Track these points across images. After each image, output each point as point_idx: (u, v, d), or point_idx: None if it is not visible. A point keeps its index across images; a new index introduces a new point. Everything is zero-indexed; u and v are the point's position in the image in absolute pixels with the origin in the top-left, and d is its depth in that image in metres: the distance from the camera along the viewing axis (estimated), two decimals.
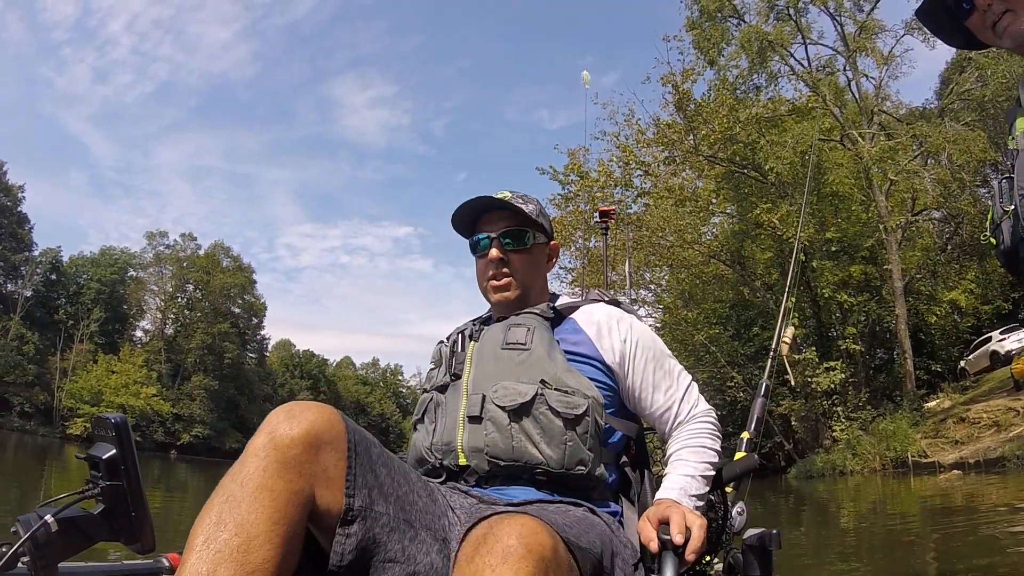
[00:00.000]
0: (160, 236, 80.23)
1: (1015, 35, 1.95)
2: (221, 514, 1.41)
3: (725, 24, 26.56)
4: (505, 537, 1.36)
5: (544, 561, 1.34)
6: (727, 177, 27.55)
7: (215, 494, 1.47)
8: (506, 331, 2.16)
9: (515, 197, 2.31)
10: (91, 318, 72.23)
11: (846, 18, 26.64)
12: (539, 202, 2.39)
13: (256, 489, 1.44)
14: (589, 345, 2.18)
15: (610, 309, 2.32)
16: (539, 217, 2.32)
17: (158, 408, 68.54)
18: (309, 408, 1.59)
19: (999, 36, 1.97)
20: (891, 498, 14.59)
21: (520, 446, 1.93)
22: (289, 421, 1.55)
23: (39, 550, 1.52)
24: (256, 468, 1.48)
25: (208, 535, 1.38)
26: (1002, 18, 1.94)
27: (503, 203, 2.27)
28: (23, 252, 70.50)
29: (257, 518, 1.41)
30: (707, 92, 27.34)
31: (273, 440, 1.52)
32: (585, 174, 28.56)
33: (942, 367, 28.31)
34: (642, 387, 2.18)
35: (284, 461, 1.49)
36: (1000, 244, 2.14)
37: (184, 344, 75.84)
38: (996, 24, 1.96)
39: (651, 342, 2.24)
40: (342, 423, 1.61)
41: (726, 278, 30.56)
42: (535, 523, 1.42)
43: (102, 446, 1.67)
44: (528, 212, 2.27)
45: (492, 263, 2.29)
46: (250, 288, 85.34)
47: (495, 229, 2.30)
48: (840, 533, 9.81)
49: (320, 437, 1.55)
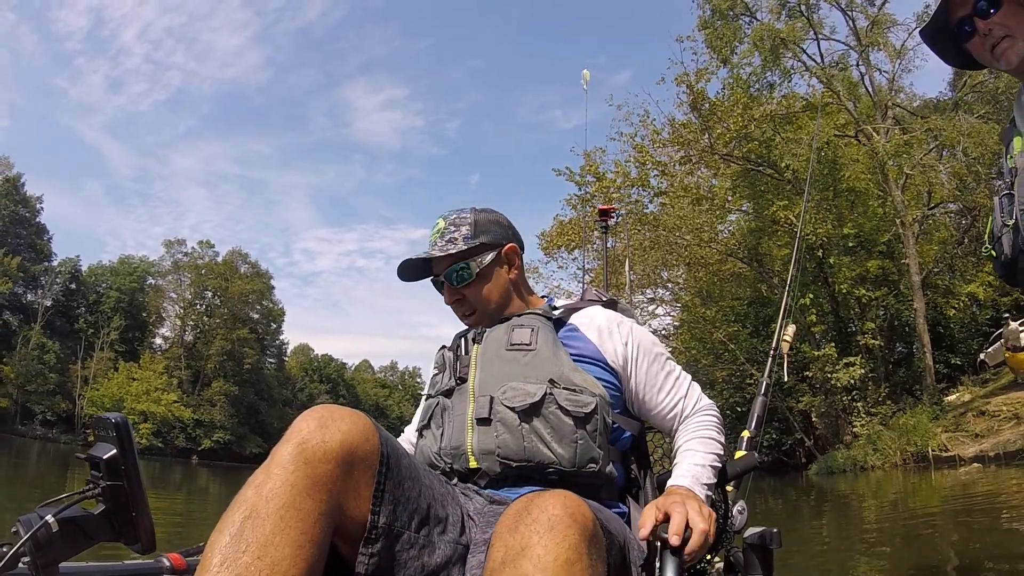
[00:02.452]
0: (178, 244, 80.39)
1: (1012, 59, 2.13)
2: (243, 532, 1.34)
3: (737, 22, 26.44)
4: (549, 507, 1.36)
5: (587, 531, 1.35)
6: (743, 175, 27.46)
7: (235, 506, 1.40)
8: (509, 332, 2.15)
9: (448, 226, 2.30)
10: (111, 326, 72.35)
11: (857, 13, 26.50)
12: (475, 211, 2.36)
13: (283, 507, 1.37)
14: (592, 348, 2.18)
15: (610, 313, 2.31)
16: (477, 237, 2.29)
17: (179, 414, 68.54)
18: (342, 417, 1.54)
19: (997, 59, 2.15)
20: (912, 493, 14.53)
21: (531, 446, 1.92)
22: (322, 431, 1.49)
23: (40, 550, 1.51)
24: (283, 483, 1.40)
25: (227, 555, 1.31)
26: (1001, 43, 2.12)
27: (429, 256, 2.27)
28: (43, 263, 70.82)
29: (283, 540, 1.33)
30: (721, 91, 27.29)
31: (303, 452, 1.45)
32: (602, 175, 28.53)
33: (962, 360, 28.09)
34: (646, 388, 2.19)
35: (314, 478, 1.43)
36: (1000, 256, 2.23)
37: (204, 350, 75.87)
38: (995, 48, 2.14)
39: (652, 345, 2.25)
40: (376, 435, 1.57)
41: (744, 276, 30.44)
42: (576, 496, 1.42)
43: (102, 446, 1.65)
44: (459, 249, 2.26)
45: (452, 304, 2.33)
46: (268, 294, 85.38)
47: (440, 270, 2.30)
48: (861, 528, 9.81)
49: (355, 452, 1.50)
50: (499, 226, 2.37)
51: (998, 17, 2.12)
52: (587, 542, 1.33)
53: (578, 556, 1.29)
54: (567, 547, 1.29)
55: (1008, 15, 2.11)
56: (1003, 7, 2.11)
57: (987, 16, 2.13)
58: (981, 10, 2.15)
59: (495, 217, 2.39)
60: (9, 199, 67.16)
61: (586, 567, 1.30)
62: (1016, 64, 2.15)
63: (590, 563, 1.32)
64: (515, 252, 2.38)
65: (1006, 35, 2.13)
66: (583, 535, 1.33)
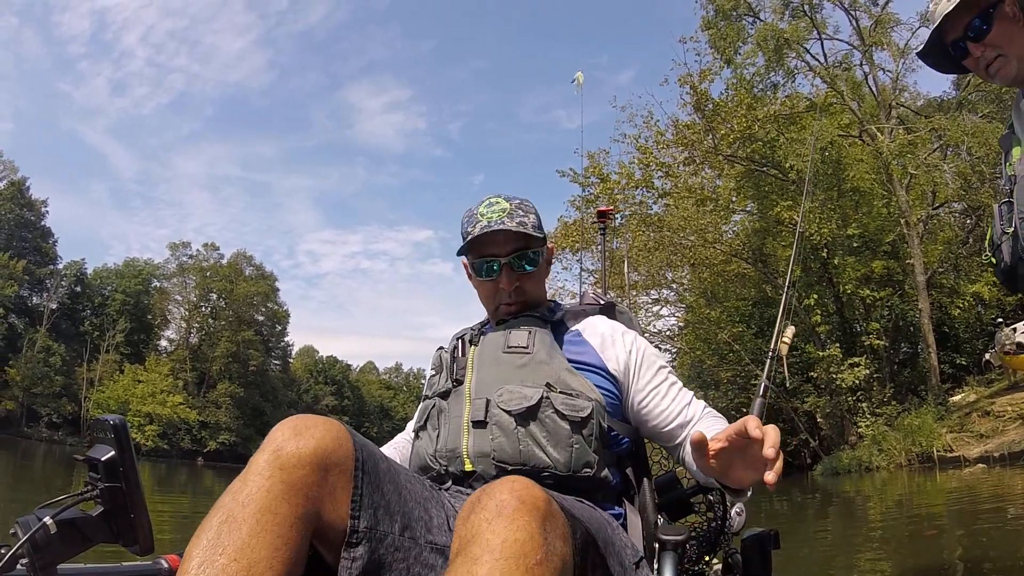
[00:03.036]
0: (183, 247, 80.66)
1: (1005, 77, 2.29)
2: (219, 536, 1.36)
3: (741, 22, 26.40)
4: (498, 493, 1.35)
5: (539, 511, 1.33)
6: (747, 175, 27.44)
7: (213, 513, 1.41)
8: (507, 335, 2.15)
9: (516, 210, 2.23)
10: (116, 329, 72.79)
11: (861, 12, 26.51)
12: (531, 204, 2.32)
13: (258, 511, 1.39)
14: (593, 354, 2.18)
15: (613, 323, 2.32)
16: (543, 230, 2.29)
17: (184, 416, 68.89)
18: (316, 424, 1.56)
19: (992, 76, 2.30)
20: (917, 493, 14.53)
21: (527, 450, 1.92)
22: (296, 438, 1.51)
23: (38, 552, 1.51)
24: (259, 488, 1.43)
25: (204, 558, 1.33)
26: (994, 62, 2.27)
27: (503, 229, 2.18)
28: (48, 266, 71.09)
29: (259, 543, 1.35)
30: (724, 91, 27.26)
31: (279, 459, 1.47)
32: (606, 177, 28.53)
33: (967, 360, 28.01)
34: (650, 396, 2.17)
35: (290, 483, 1.45)
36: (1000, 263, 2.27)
37: (209, 352, 76.12)
38: (989, 67, 2.29)
39: (655, 356, 2.25)
40: (350, 440, 1.58)
41: (748, 276, 30.43)
42: (526, 480, 1.41)
43: (100, 448, 1.65)
44: (532, 230, 2.22)
45: (504, 291, 2.26)
46: (273, 296, 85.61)
47: (503, 252, 2.23)
48: (866, 529, 9.81)
49: (328, 457, 1.52)
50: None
51: (989, 39, 2.24)
52: (539, 523, 1.32)
53: (528, 536, 1.28)
54: (515, 529, 1.28)
55: (999, 36, 2.23)
56: (993, 29, 2.22)
57: (979, 39, 2.26)
58: (972, 34, 2.27)
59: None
60: (14, 202, 67.39)
61: (538, 546, 1.28)
62: (1010, 81, 2.29)
63: (543, 542, 1.30)
64: (552, 253, 2.42)
65: (998, 55, 2.26)
66: (534, 516, 1.31)
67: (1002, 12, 2.22)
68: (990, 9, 2.23)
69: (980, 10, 2.24)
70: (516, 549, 1.25)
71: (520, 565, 1.24)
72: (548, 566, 1.28)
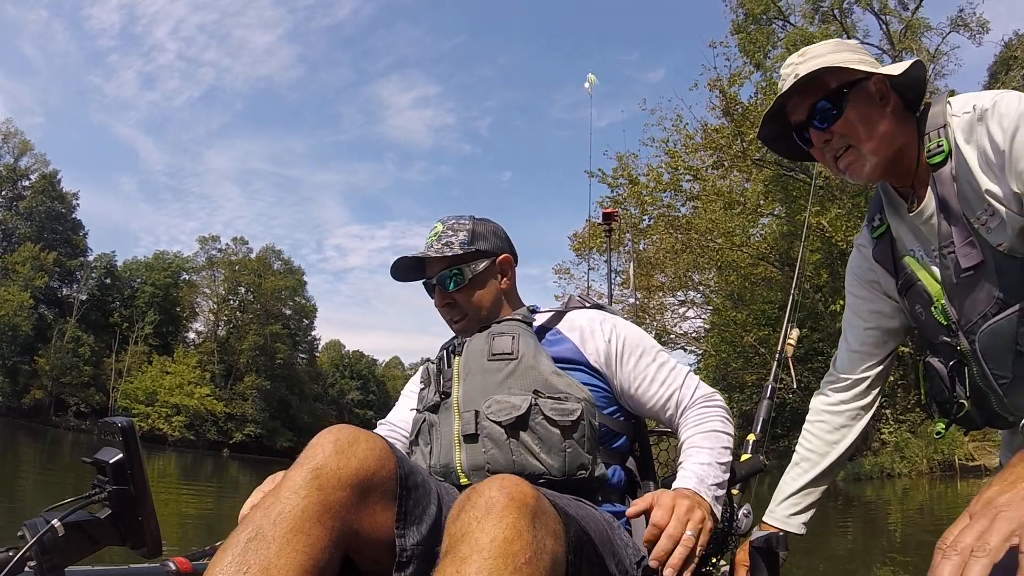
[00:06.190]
0: (212, 240, 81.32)
1: (856, 174, 1.87)
2: (246, 553, 1.30)
3: (771, 27, 26.45)
4: (487, 491, 1.34)
5: (528, 508, 1.32)
6: (775, 179, 27.38)
7: (241, 528, 1.37)
8: (490, 341, 2.13)
9: (447, 231, 2.30)
10: (145, 321, 73.49)
11: (891, 17, 26.48)
12: (474, 220, 2.36)
13: (290, 531, 1.34)
14: (574, 350, 2.17)
15: (591, 313, 2.30)
16: (474, 244, 2.29)
17: (211, 408, 69.55)
18: (359, 440, 1.51)
19: (843, 171, 1.89)
20: (937, 501, 14.54)
21: (521, 459, 1.91)
22: (338, 456, 1.46)
23: (46, 554, 1.49)
24: (293, 507, 1.37)
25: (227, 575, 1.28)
26: (845, 154, 1.86)
27: (424, 257, 2.26)
28: (78, 257, 71.92)
29: (287, 564, 1.30)
30: (754, 95, 27.25)
31: (318, 478, 1.42)
32: (635, 179, 28.60)
33: None
34: (636, 382, 2.16)
35: (327, 504, 1.40)
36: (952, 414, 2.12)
37: (236, 345, 76.65)
38: (839, 159, 1.87)
39: (638, 338, 2.21)
40: (393, 459, 1.56)
41: (775, 280, 30.37)
42: (516, 477, 1.40)
43: (108, 450, 1.63)
44: (454, 252, 2.25)
45: (441, 308, 2.32)
46: (301, 290, 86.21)
47: (432, 273, 2.29)
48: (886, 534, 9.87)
49: (371, 479, 1.49)
50: (496, 236, 2.37)
51: (837, 127, 1.83)
52: (528, 520, 1.30)
53: (517, 534, 1.27)
54: (504, 526, 1.27)
55: (849, 123, 1.82)
56: (845, 112, 1.82)
57: (826, 126, 1.85)
58: (818, 120, 1.86)
59: (492, 227, 2.39)
60: (46, 195, 68.19)
61: (527, 543, 1.27)
62: (864, 179, 1.89)
63: (533, 539, 1.29)
64: (509, 263, 2.38)
65: (848, 146, 1.85)
66: (523, 513, 1.30)
67: (862, 92, 1.82)
68: (844, 89, 1.82)
69: (832, 90, 1.83)
70: (505, 548, 1.24)
71: (509, 564, 1.23)
72: (538, 564, 1.27)
